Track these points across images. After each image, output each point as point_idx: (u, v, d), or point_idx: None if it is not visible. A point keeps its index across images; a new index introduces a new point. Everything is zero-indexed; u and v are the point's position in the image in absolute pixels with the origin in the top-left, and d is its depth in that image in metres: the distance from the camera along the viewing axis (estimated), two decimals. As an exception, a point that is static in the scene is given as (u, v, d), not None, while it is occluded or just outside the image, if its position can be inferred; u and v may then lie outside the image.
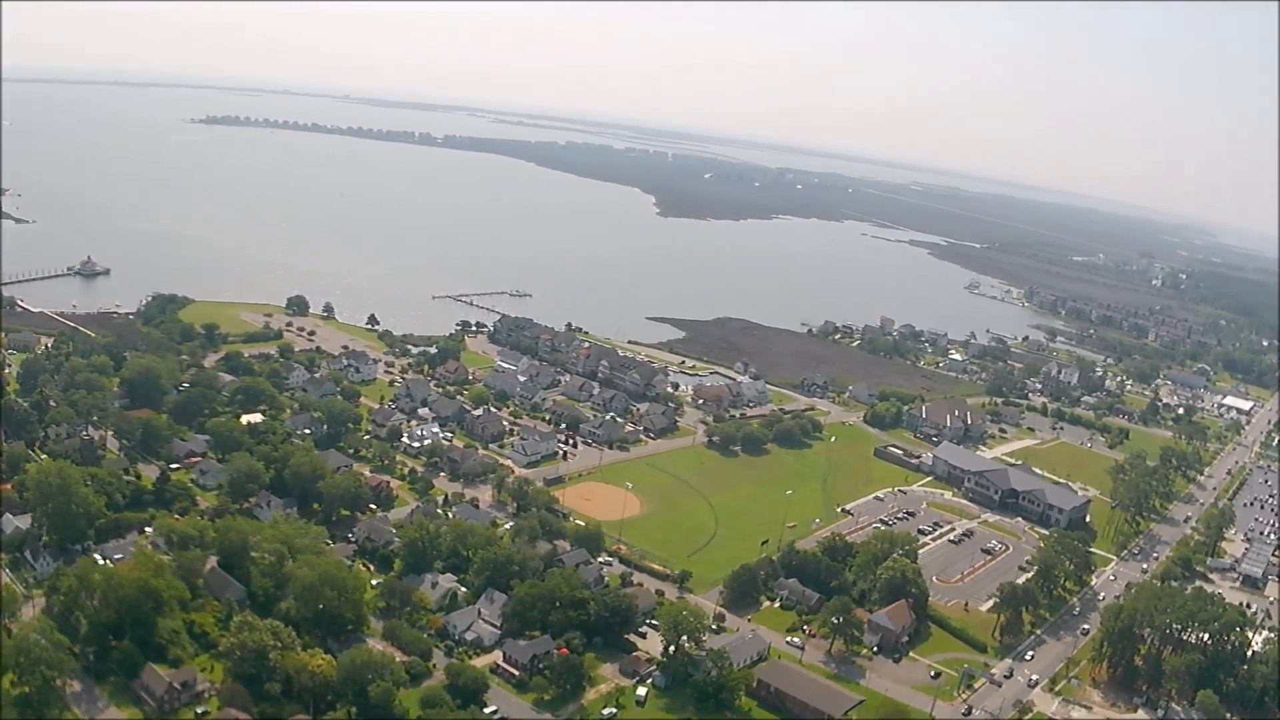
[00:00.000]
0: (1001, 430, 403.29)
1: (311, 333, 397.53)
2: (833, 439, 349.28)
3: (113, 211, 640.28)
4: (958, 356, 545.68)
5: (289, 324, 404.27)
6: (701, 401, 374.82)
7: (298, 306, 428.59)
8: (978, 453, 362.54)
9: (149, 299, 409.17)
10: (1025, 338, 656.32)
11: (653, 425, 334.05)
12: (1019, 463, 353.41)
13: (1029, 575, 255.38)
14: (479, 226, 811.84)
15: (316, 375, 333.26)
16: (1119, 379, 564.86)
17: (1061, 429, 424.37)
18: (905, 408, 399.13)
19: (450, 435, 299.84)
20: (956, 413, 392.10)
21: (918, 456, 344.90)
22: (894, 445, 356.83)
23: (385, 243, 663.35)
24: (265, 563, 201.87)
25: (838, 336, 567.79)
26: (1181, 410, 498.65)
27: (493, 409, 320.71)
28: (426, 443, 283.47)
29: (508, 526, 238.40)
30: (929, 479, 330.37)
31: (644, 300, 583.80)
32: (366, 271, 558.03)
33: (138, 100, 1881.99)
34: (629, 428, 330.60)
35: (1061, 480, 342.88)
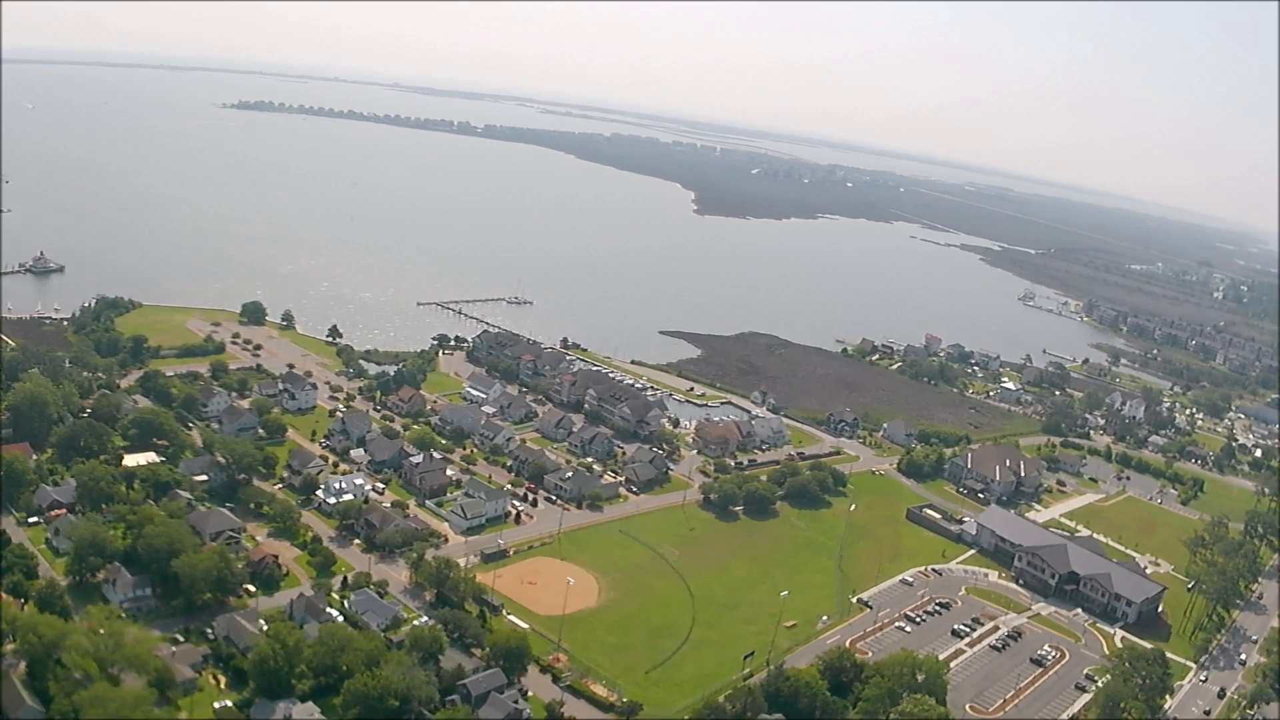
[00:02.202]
0: (1060, 483, 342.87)
1: (259, 346, 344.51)
2: (852, 507, 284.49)
3: (103, 201, 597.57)
4: (1011, 385, 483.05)
5: (236, 335, 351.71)
6: (702, 445, 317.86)
7: (252, 314, 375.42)
8: (1032, 514, 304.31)
9: (92, 302, 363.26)
10: (1085, 360, 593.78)
11: (637, 476, 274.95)
12: (1080, 530, 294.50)
13: (1087, 703, 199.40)
14: (492, 223, 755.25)
15: (243, 402, 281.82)
16: (1189, 412, 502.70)
17: (1128, 478, 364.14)
18: (949, 453, 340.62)
19: (383, 487, 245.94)
20: (1007, 462, 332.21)
21: (960, 522, 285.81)
22: (930, 506, 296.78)
23: (384, 239, 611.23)
24: (73, 677, 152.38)
25: (876, 358, 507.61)
26: (1259, 453, 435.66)
27: (435, 454, 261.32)
28: (346, 498, 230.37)
29: (414, 625, 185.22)
30: (971, 552, 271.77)
31: (659, 310, 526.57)
32: (352, 272, 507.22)
33: (178, 84, 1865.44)
34: (607, 479, 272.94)
35: (1130, 553, 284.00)
